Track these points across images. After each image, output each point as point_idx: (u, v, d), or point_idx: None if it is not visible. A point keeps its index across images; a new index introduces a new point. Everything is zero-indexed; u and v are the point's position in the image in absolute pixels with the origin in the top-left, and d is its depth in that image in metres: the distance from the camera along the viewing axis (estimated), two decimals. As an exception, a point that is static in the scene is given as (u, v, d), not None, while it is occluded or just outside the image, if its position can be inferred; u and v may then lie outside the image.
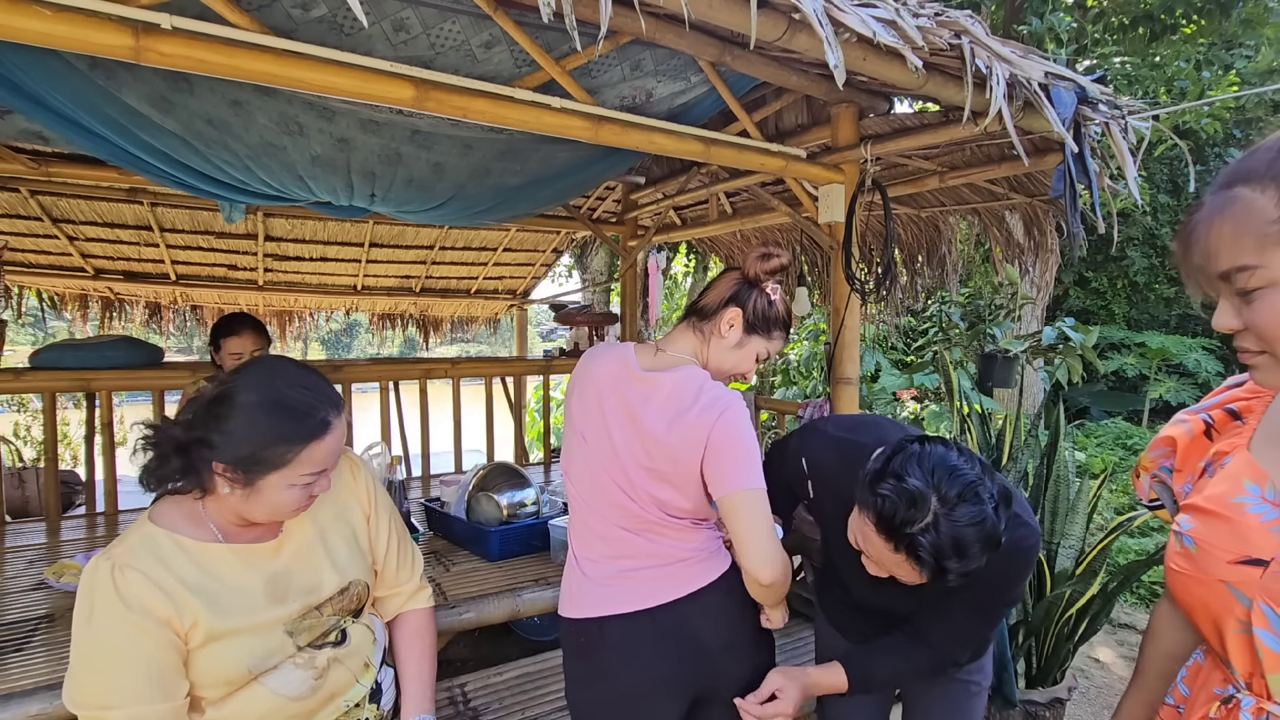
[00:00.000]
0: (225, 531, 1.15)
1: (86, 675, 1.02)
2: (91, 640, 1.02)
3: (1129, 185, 2.06)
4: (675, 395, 1.32)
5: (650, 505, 1.33)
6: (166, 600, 1.04)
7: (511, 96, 1.82)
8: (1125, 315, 9.10)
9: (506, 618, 2.03)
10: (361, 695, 1.24)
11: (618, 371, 1.37)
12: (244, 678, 1.10)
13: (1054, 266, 3.40)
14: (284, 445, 1.09)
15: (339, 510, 1.29)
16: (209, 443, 1.08)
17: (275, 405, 1.10)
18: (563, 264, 9.14)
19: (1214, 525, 0.81)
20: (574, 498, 1.41)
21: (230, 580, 1.12)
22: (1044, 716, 2.51)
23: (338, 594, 1.22)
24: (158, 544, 1.09)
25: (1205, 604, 0.81)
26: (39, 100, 1.75)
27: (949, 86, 1.90)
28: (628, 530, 1.35)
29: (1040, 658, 2.66)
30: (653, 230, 4.32)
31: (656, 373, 1.35)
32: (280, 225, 4.68)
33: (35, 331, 16.52)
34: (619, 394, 1.35)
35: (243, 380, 1.11)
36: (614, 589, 1.34)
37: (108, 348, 3.21)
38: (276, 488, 1.10)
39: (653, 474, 1.32)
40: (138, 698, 1.01)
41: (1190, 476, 0.93)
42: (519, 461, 4.48)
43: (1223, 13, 6.01)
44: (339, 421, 1.16)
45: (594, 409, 1.36)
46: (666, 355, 1.40)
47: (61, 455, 4.87)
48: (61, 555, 2.50)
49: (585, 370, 1.41)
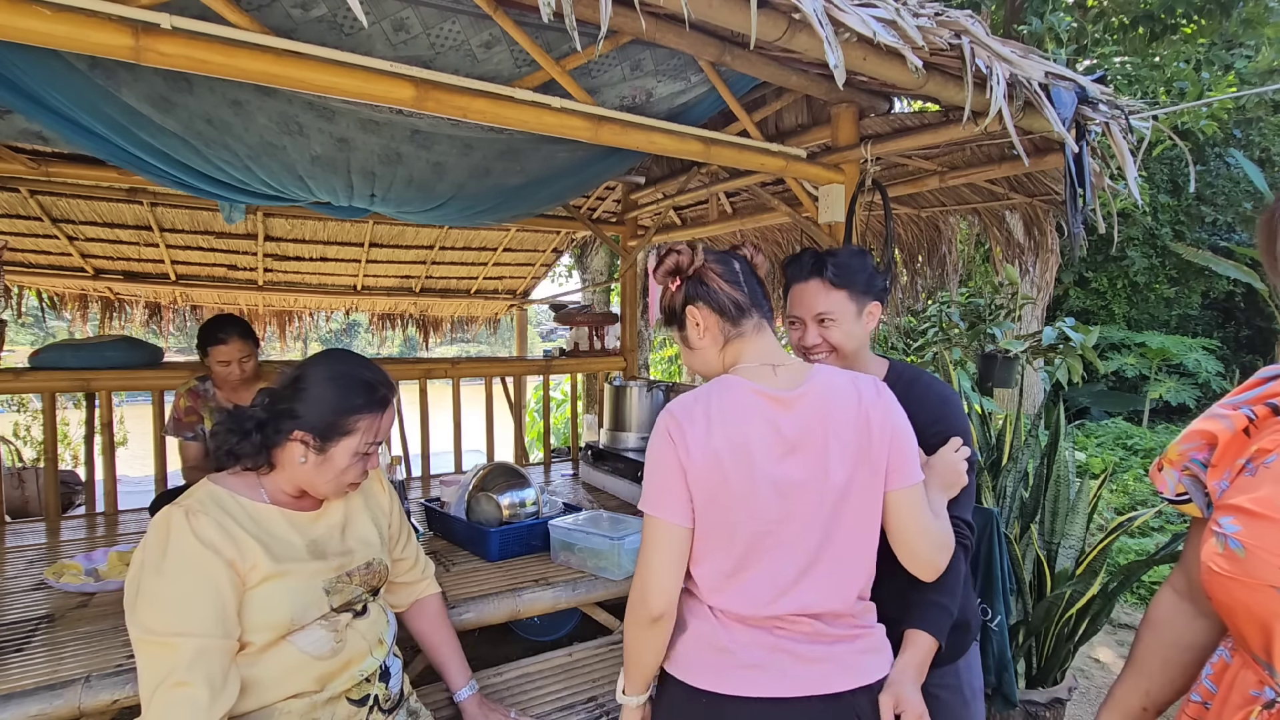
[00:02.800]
0: (275, 499, 1.31)
1: (161, 605, 1.11)
2: (168, 573, 1.12)
3: (1129, 185, 2.06)
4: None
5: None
6: (231, 544, 1.18)
7: (511, 96, 1.82)
8: (1125, 315, 9.10)
9: (506, 618, 2.03)
10: (374, 668, 1.34)
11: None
12: (285, 626, 1.21)
13: (1054, 266, 3.40)
14: (357, 414, 1.28)
15: (365, 501, 1.46)
16: (293, 413, 1.26)
17: (351, 379, 1.30)
18: (563, 264, 9.13)
19: (1264, 529, 0.79)
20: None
21: (279, 535, 1.27)
22: (1044, 716, 2.51)
23: (364, 565, 1.37)
24: (220, 499, 1.24)
25: (1249, 607, 0.79)
26: (39, 100, 1.75)
27: (949, 86, 1.90)
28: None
29: (1040, 658, 2.66)
30: (653, 230, 4.32)
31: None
32: (280, 225, 4.68)
33: (35, 331, 16.53)
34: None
35: (320, 360, 1.32)
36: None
37: (108, 348, 3.21)
38: (345, 454, 1.28)
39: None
40: (208, 629, 1.11)
41: (1228, 472, 0.90)
42: (519, 461, 4.48)
43: (1223, 13, 6.01)
44: (395, 399, 1.37)
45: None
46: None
47: (61, 455, 4.87)
48: (61, 555, 2.49)
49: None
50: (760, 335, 1.24)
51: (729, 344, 1.24)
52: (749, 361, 1.22)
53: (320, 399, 1.27)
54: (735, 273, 1.25)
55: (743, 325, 1.23)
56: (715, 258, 1.25)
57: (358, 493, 1.45)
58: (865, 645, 1.20)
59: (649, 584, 1.13)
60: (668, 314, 1.30)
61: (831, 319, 1.44)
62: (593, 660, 2.04)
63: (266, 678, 1.20)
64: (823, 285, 1.44)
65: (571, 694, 1.88)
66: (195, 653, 1.08)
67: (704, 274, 1.23)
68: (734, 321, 1.23)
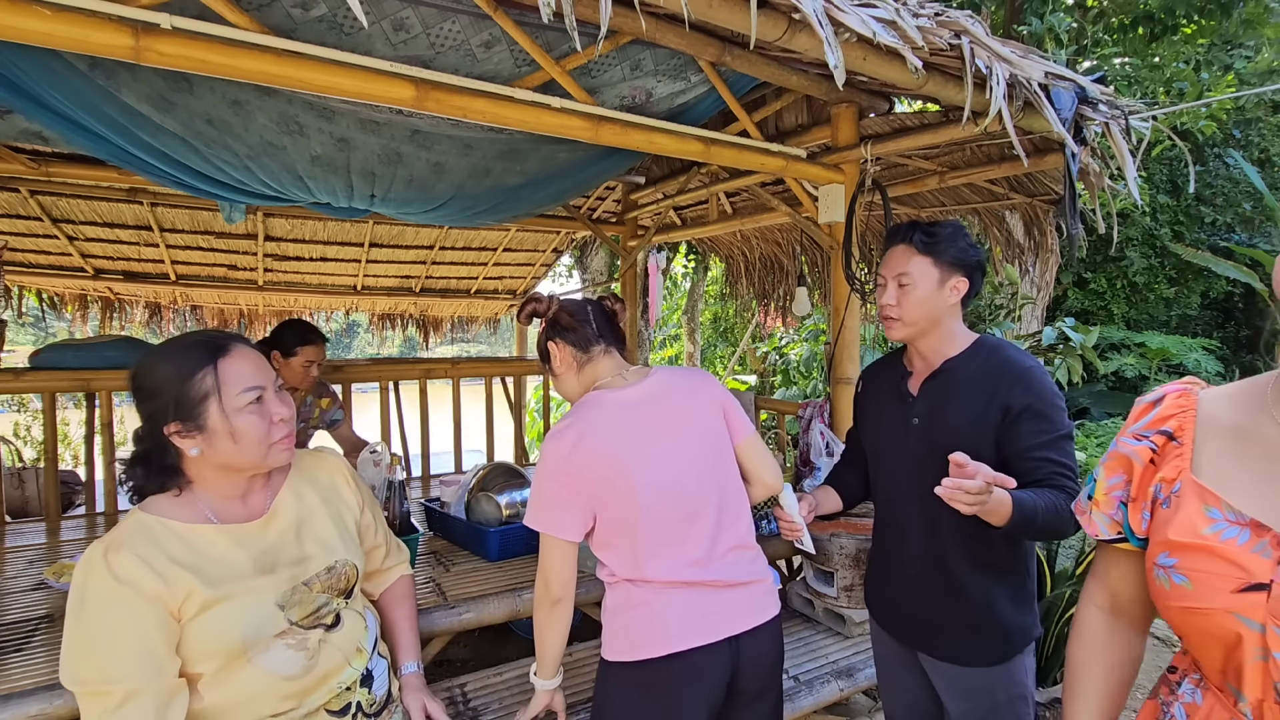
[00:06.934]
0: (216, 512, 1.21)
1: (84, 652, 1.06)
2: (87, 618, 1.06)
3: (1129, 185, 2.06)
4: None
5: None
6: (156, 577, 1.09)
7: (511, 96, 1.82)
8: (1125, 316, 9.10)
9: (506, 618, 2.03)
10: (353, 678, 1.28)
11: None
12: (238, 648, 1.14)
13: (1054, 266, 3.40)
14: (197, 373, 1.16)
15: (324, 496, 1.37)
16: (151, 416, 1.17)
17: (174, 349, 1.20)
18: (563, 264, 9.13)
19: (1199, 558, 0.80)
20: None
21: (219, 556, 1.18)
22: (1044, 716, 2.51)
23: (325, 571, 1.28)
24: (148, 527, 1.15)
25: (1212, 635, 0.79)
26: (39, 100, 1.75)
27: (949, 86, 1.90)
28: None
29: (1040, 658, 2.66)
30: (653, 230, 4.32)
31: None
32: (280, 225, 4.68)
33: (35, 331, 16.52)
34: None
35: (142, 355, 1.22)
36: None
37: (108, 348, 3.21)
38: (222, 417, 1.16)
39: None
40: (134, 672, 1.05)
41: (1145, 505, 0.90)
42: (519, 461, 4.48)
43: (1223, 13, 6.01)
44: (240, 345, 1.23)
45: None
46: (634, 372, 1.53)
47: (61, 455, 4.87)
48: (61, 555, 2.50)
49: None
50: (609, 356, 1.52)
51: (583, 368, 1.50)
52: (604, 376, 1.49)
53: (159, 384, 1.16)
54: (585, 313, 1.52)
55: (592, 352, 1.50)
56: (566, 305, 1.53)
57: (309, 489, 1.34)
58: (768, 586, 1.49)
59: (550, 577, 1.40)
60: (540, 353, 1.56)
61: (910, 281, 1.47)
62: (592, 660, 2.04)
63: (232, 702, 1.15)
64: (909, 249, 1.49)
65: (571, 694, 1.88)
66: (124, 697, 1.04)
67: (558, 317, 1.51)
68: (584, 349, 1.50)
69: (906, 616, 1.55)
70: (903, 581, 1.55)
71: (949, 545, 1.45)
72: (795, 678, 2.06)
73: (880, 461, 1.61)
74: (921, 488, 1.46)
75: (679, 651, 1.34)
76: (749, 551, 1.48)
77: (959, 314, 1.52)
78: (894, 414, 1.56)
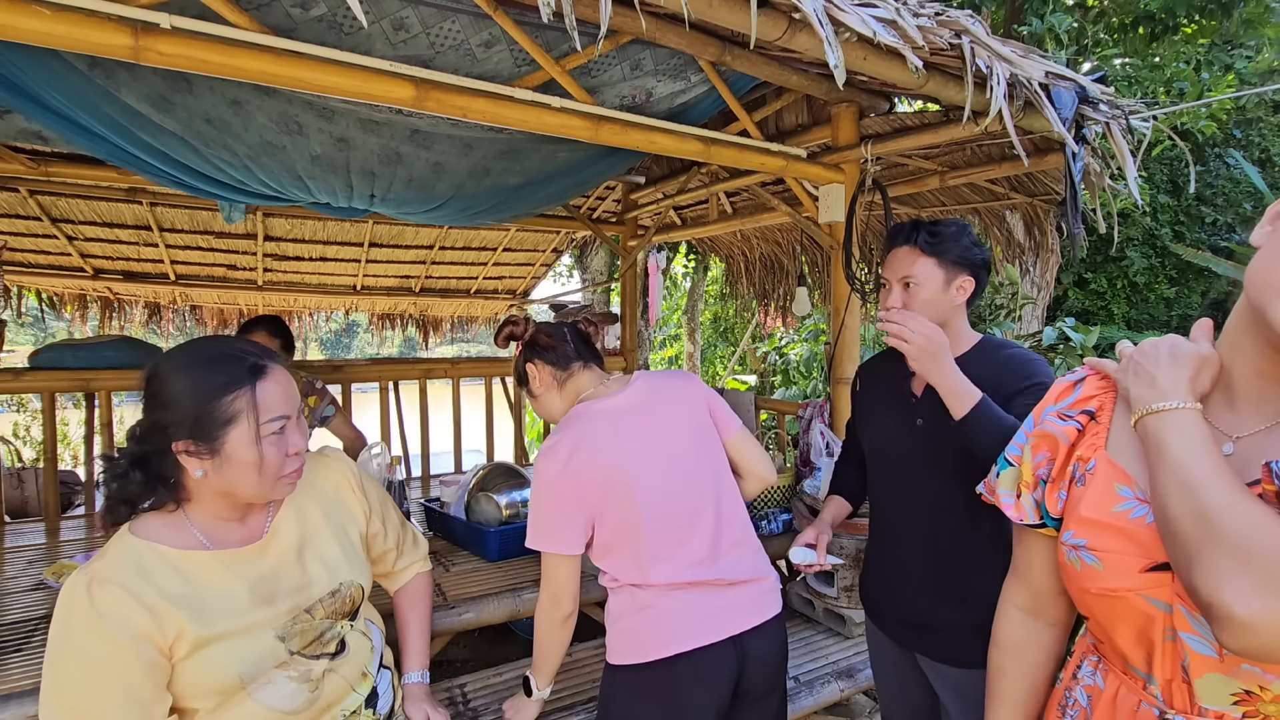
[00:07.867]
0: (211, 535, 1.12)
1: (67, 690, 0.99)
2: (69, 656, 0.99)
3: (1129, 185, 2.06)
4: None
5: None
6: (146, 614, 1.00)
7: (511, 96, 1.82)
8: (1125, 316, 9.09)
9: (506, 618, 2.03)
10: (357, 704, 1.22)
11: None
12: (235, 686, 1.06)
13: (1054, 266, 3.41)
14: (229, 393, 1.05)
15: (327, 508, 1.27)
16: (160, 425, 1.05)
17: (204, 359, 1.08)
18: (563, 264, 9.13)
19: (1109, 536, 0.78)
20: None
21: (214, 587, 1.08)
22: (1044, 717, 2.51)
23: (329, 595, 1.19)
24: (138, 555, 1.05)
25: (1123, 617, 0.78)
26: (38, 100, 1.75)
27: (949, 86, 1.90)
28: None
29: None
30: (653, 230, 4.32)
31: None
32: (280, 225, 4.68)
33: (35, 331, 16.52)
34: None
35: (168, 354, 1.11)
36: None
37: (107, 348, 3.20)
38: (244, 445, 1.06)
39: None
40: (117, 714, 0.99)
41: (1063, 484, 0.88)
42: (519, 461, 4.48)
43: (1223, 13, 6.00)
44: (278, 366, 1.12)
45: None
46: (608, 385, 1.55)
47: (61, 455, 4.87)
48: (61, 555, 2.50)
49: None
50: (588, 370, 1.54)
51: (564, 385, 1.52)
52: (587, 388, 1.51)
53: (180, 395, 1.04)
54: (562, 333, 1.55)
55: (571, 368, 1.52)
56: (542, 326, 1.56)
57: (311, 501, 1.25)
58: (771, 585, 1.50)
59: (560, 594, 1.40)
60: (517, 376, 1.58)
61: (915, 283, 1.46)
62: (592, 660, 2.04)
63: None
64: (913, 250, 1.47)
65: (571, 694, 1.88)
66: None
67: (535, 338, 1.54)
68: (563, 367, 1.52)
69: (905, 618, 1.55)
70: (901, 583, 1.54)
71: (949, 547, 1.45)
72: (795, 678, 2.06)
73: (879, 461, 1.61)
74: (923, 489, 1.46)
75: (684, 652, 1.34)
76: (749, 548, 1.49)
77: (964, 314, 1.52)
78: (896, 415, 1.55)
